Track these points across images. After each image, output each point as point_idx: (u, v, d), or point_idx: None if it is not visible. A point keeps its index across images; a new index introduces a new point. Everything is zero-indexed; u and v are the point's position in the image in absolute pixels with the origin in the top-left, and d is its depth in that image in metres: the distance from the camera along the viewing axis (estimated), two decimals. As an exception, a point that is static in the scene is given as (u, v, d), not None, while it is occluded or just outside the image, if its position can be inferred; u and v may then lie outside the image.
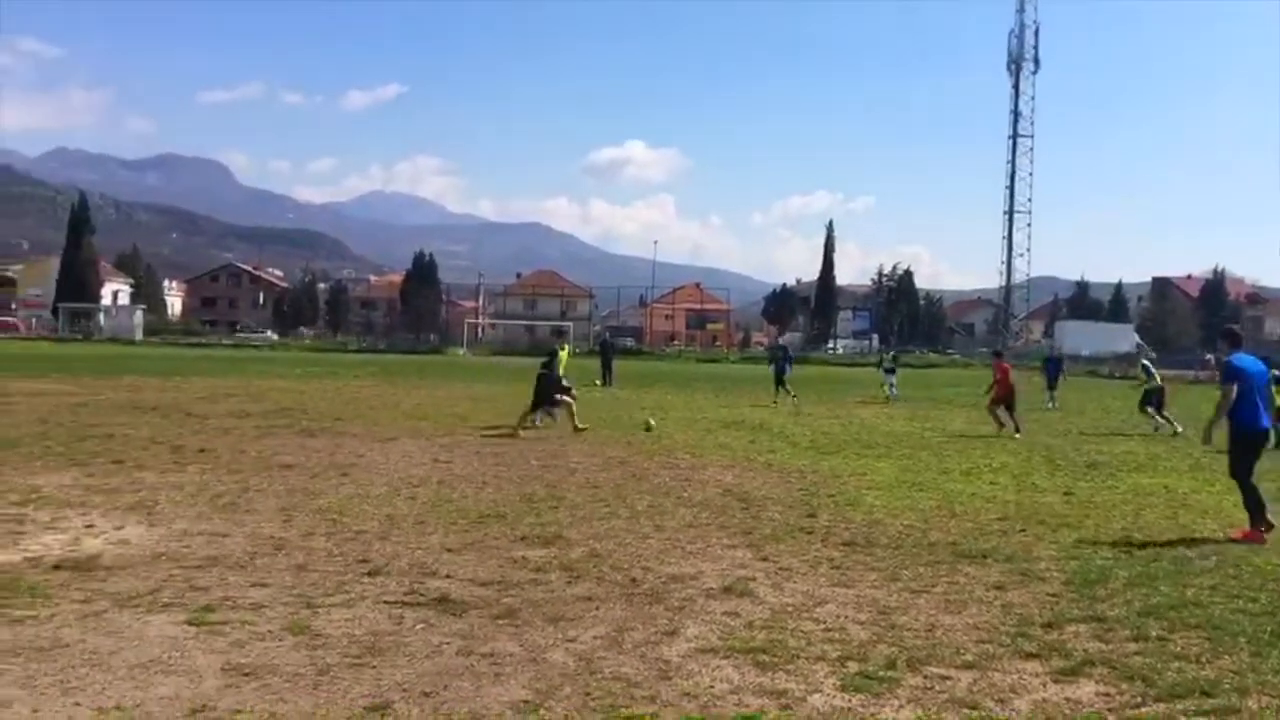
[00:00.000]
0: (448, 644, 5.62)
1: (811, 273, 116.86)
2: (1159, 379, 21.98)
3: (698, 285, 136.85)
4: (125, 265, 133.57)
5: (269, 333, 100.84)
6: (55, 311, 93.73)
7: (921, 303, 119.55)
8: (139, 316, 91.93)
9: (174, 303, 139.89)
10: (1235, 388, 9.51)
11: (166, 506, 9.55)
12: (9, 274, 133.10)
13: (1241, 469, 9.59)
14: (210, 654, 5.33)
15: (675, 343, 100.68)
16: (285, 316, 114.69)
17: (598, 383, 33.38)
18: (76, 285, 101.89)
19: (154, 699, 4.67)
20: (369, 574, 7.15)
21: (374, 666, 5.21)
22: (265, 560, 7.48)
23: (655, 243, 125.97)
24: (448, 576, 7.16)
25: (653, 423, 18.37)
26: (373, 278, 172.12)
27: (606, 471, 12.96)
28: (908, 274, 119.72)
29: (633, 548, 8.33)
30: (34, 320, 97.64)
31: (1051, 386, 28.21)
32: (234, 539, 8.19)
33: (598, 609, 6.44)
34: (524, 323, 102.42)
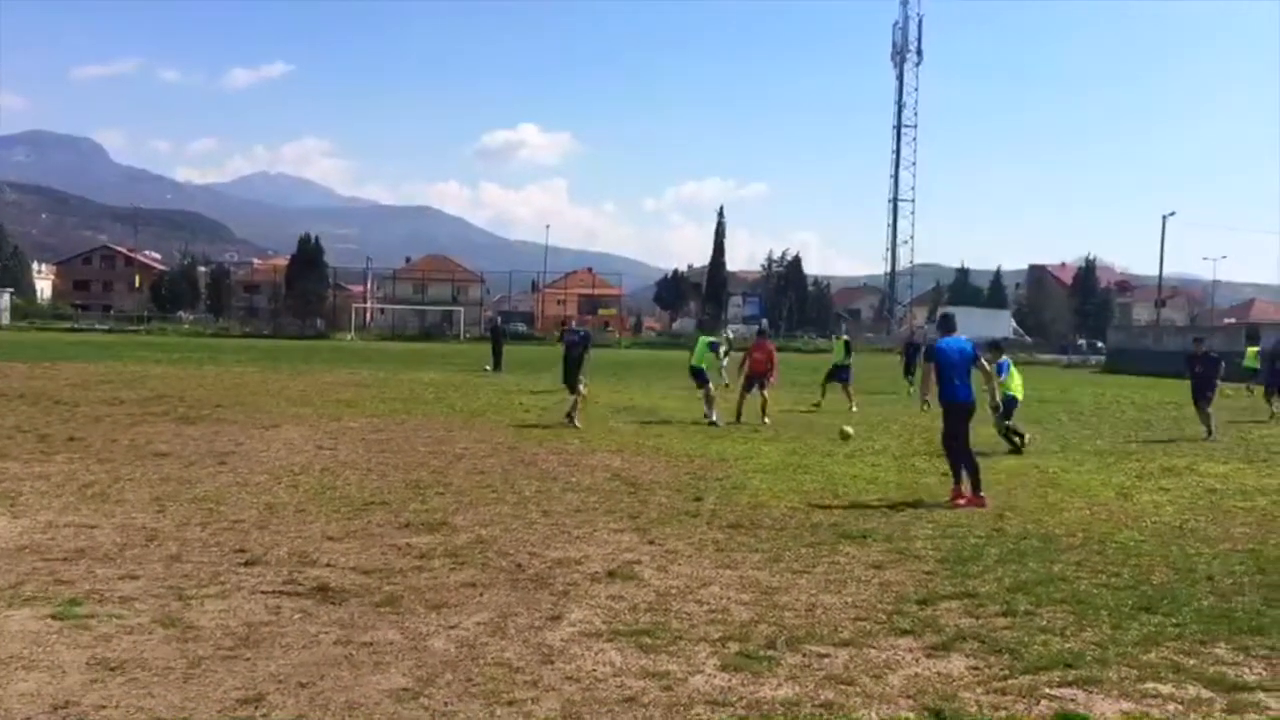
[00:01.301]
0: (326, 633, 5.52)
1: (703, 258, 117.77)
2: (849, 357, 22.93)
3: (590, 270, 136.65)
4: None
5: None
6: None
7: (810, 289, 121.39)
8: (5, 300, 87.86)
9: (44, 286, 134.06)
10: (933, 365, 10.90)
11: (31, 497, 9.17)
12: None
13: (948, 437, 10.87)
14: (75, 649, 5.13)
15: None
16: (163, 300, 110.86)
17: (487, 368, 33.15)
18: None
19: (14, 695, 4.48)
20: (246, 564, 6.97)
21: (248, 658, 5.08)
22: (136, 552, 7.23)
23: (548, 227, 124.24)
24: (328, 565, 7.03)
25: (849, 430, 15.50)
26: (256, 261, 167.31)
27: (494, 457, 12.88)
28: (797, 260, 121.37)
29: (519, 533, 8.30)
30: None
31: (909, 371, 28.96)
32: (103, 530, 7.91)
33: (482, 595, 6.40)
34: (414, 307, 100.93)
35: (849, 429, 15.31)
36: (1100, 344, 72.78)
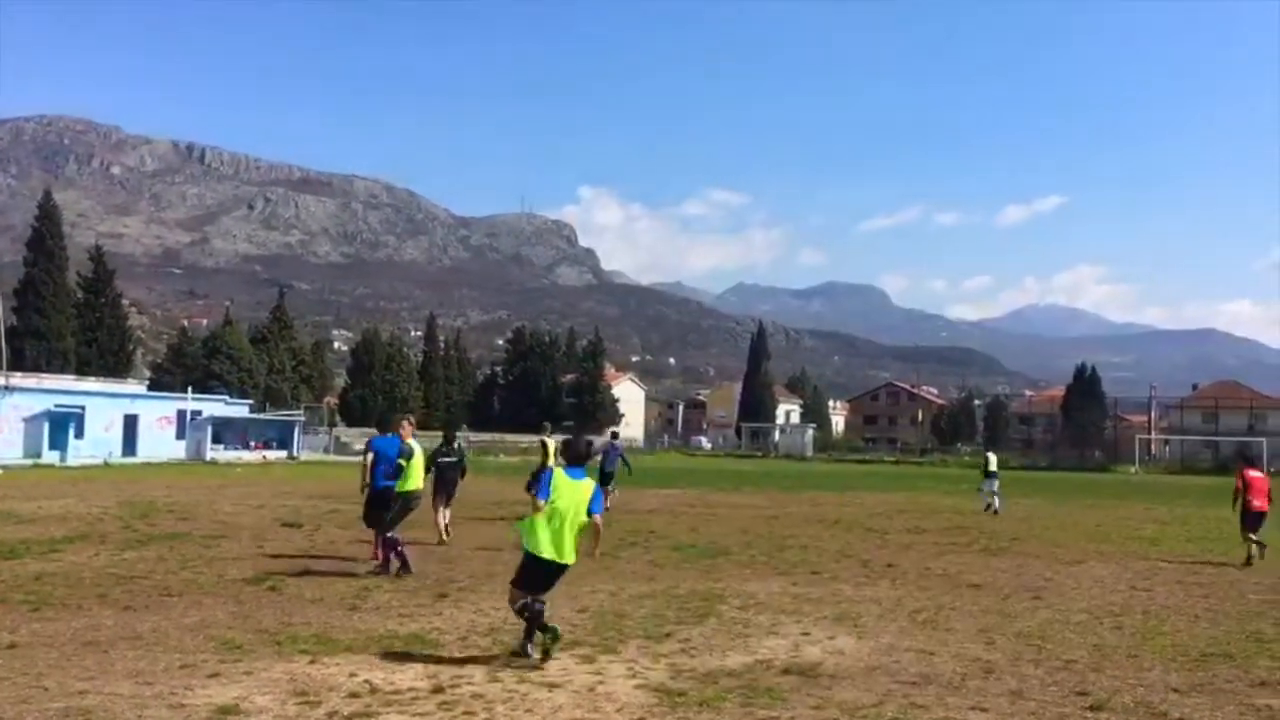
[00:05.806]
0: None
1: None
2: None
3: None
4: (795, 387, 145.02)
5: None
6: (738, 430, 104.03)
7: None
8: (809, 435, 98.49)
9: (838, 420, 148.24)
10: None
11: (869, 620, 9.91)
12: (699, 398, 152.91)
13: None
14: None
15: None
16: (943, 432, 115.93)
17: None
18: (755, 406, 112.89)
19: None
20: (1091, 708, 6.74)
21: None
22: (977, 683, 7.39)
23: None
24: (1180, 720, 6.51)
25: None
26: (1029, 392, 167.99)
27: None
28: None
29: None
30: (720, 438, 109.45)
31: None
32: (940, 658, 8.23)
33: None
34: (1203, 438, 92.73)
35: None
36: None
